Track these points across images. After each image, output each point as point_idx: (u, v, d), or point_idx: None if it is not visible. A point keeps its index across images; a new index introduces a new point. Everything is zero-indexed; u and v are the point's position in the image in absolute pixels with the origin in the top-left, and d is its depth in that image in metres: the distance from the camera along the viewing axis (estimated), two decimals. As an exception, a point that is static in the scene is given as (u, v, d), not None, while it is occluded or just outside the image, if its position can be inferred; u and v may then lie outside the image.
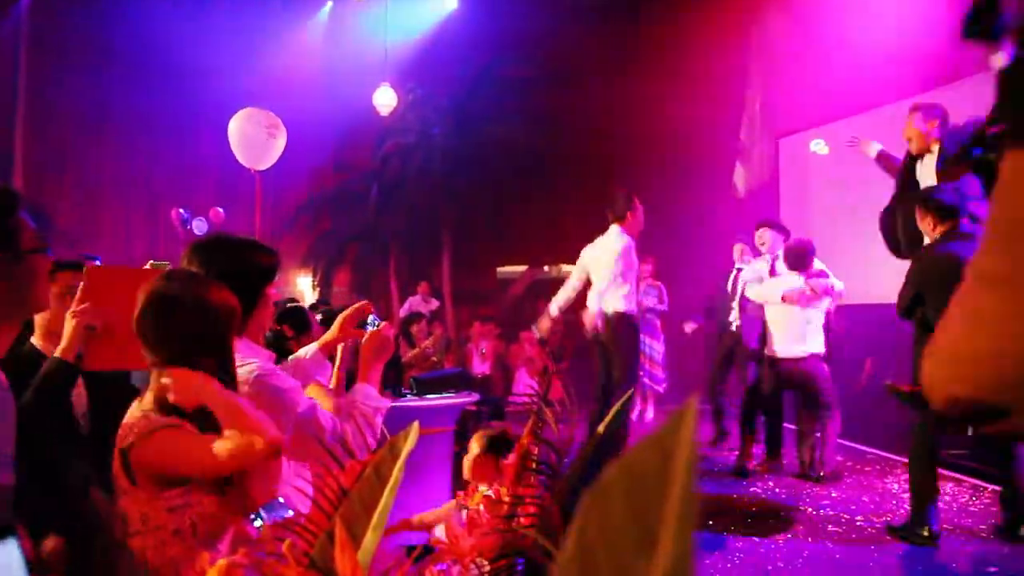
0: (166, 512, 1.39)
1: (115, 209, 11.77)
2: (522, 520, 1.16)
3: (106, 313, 2.01)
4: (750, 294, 5.58)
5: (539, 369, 8.80)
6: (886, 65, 7.51)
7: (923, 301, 3.79)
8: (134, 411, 1.49)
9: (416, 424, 1.00)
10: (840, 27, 8.15)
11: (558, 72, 10.69)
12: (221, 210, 9.75)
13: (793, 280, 5.28)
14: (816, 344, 5.27)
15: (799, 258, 5.29)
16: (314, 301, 9.04)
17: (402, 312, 9.97)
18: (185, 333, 1.48)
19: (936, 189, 4.04)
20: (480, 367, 8.10)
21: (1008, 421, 0.82)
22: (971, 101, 6.90)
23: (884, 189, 4.87)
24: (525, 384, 8.75)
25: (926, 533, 3.94)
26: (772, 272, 5.61)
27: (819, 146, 5.99)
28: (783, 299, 5.22)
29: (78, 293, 2.03)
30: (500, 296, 12.37)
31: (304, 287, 11.83)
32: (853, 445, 6.44)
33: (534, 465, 1.13)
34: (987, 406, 0.80)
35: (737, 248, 6.61)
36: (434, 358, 6.16)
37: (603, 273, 5.24)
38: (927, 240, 4.00)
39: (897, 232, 4.34)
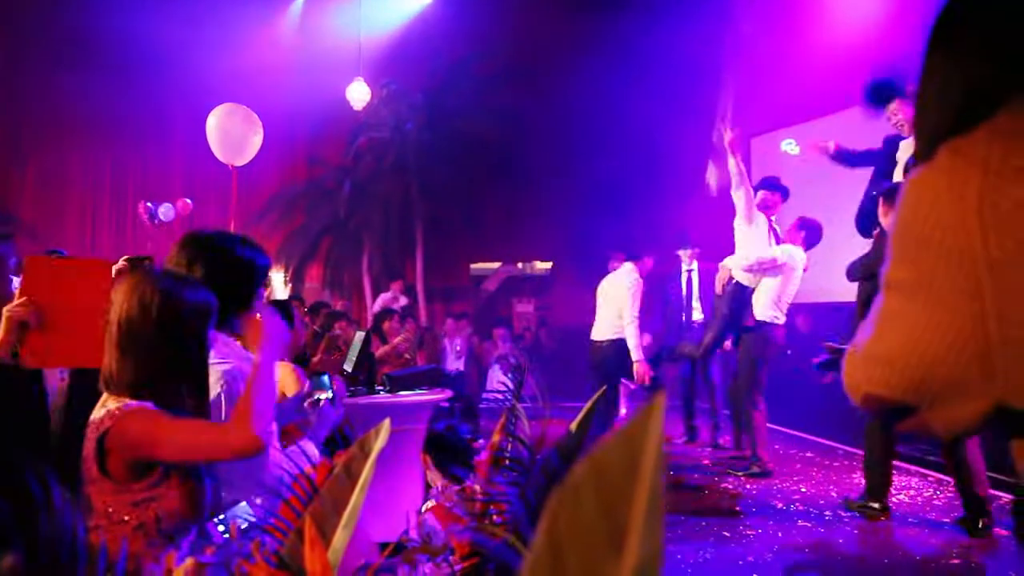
0: (130, 506, 1.38)
1: (80, 202, 11.56)
2: (494, 518, 1.16)
3: (49, 307, 1.87)
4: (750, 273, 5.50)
5: (513, 366, 8.81)
6: (858, 67, 7.60)
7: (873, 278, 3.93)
8: (107, 401, 1.46)
9: (387, 422, 1.00)
10: (813, 28, 8.25)
11: (532, 69, 10.69)
12: (189, 201, 9.61)
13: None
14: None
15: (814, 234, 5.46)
16: (286, 296, 8.97)
17: (374, 308, 9.92)
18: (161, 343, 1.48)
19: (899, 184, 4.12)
20: (453, 364, 8.08)
21: (916, 418, 0.87)
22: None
23: (854, 189, 4.94)
24: (498, 382, 8.75)
25: (877, 506, 4.21)
26: (772, 231, 5.57)
27: (790, 146, 6.04)
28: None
29: (18, 287, 1.93)
30: (473, 293, 12.36)
31: (276, 282, 11.71)
32: (822, 441, 6.54)
33: (506, 462, 1.13)
34: (897, 404, 0.86)
35: (685, 253, 7.05)
36: (407, 355, 6.13)
37: (613, 308, 5.62)
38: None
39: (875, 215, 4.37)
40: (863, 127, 7.94)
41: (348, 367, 4.28)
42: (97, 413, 1.44)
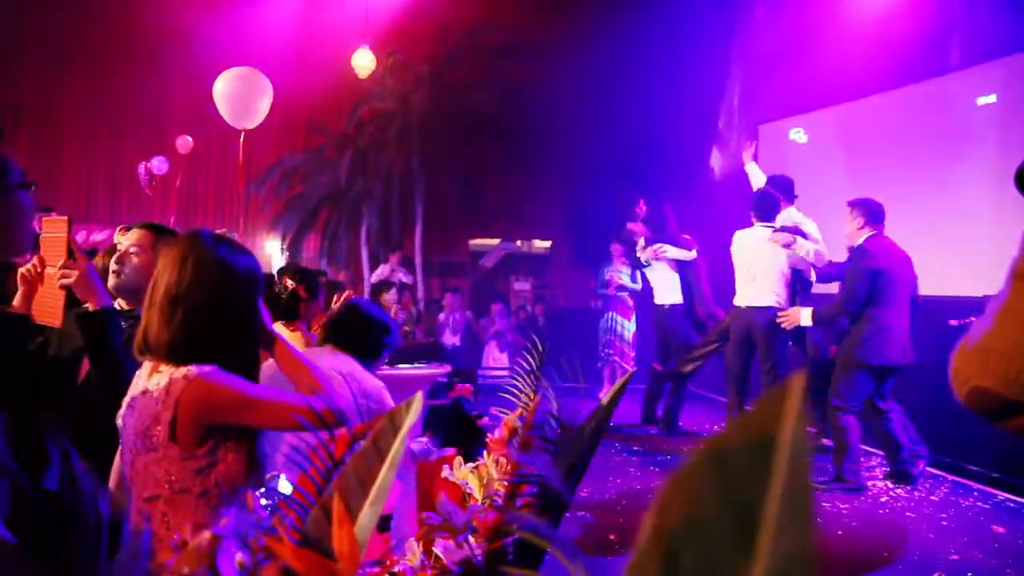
0: (194, 473, 1.35)
1: (76, 160, 11.40)
2: (518, 499, 1.11)
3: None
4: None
5: (509, 343, 8.79)
6: (869, 55, 7.53)
7: None
8: (160, 367, 1.42)
9: (420, 395, 0.95)
10: (824, 16, 8.14)
11: (539, 45, 10.55)
12: (189, 139, 9.46)
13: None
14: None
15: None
16: (282, 266, 8.88)
17: (371, 280, 9.85)
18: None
19: None
20: (450, 339, 8.05)
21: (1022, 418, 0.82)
22: (958, 95, 6.99)
23: (863, 179, 4.91)
24: (495, 358, 8.73)
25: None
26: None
27: (798, 134, 6.01)
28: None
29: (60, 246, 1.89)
30: (471, 268, 12.30)
31: (272, 251, 11.62)
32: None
33: (537, 441, 1.08)
34: (1009, 401, 0.81)
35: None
36: (405, 327, 6.09)
37: (774, 271, 5.46)
38: None
39: None
40: (872, 116, 7.91)
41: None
42: (154, 379, 1.39)
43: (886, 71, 7.48)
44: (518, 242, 12.69)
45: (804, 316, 4.90)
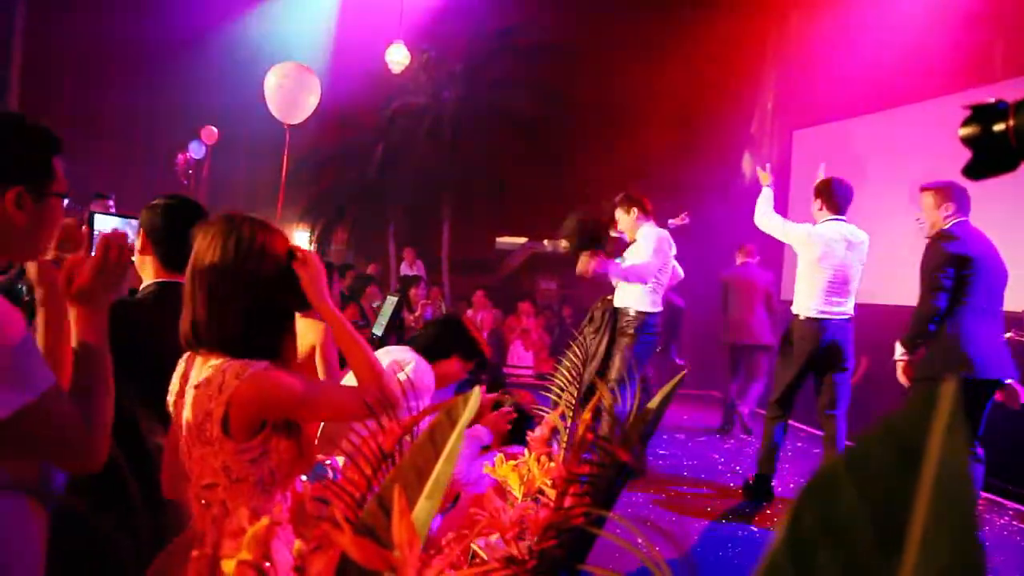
0: (249, 463, 1.34)
1: (112, 147, 11.56)
2: (570, 498, 1.09)
3: None
4: None
5: (534, 342, 8.77)
6: (904, 63, 7.40)
7: None
8: (210, 359, 1.41)
9: (478, 389, 0.93)
10: (863, 23, 8.02)
11: (572, 45, 10.52)
12: (215, 129, 9.54)
13: None
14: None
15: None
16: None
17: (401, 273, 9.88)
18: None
19: None
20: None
21: None
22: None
23: (895, 191, 4.81)
24: (520, 356, 8.71)
25: None
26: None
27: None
28: None
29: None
30: (498, 266, 12.29)
31: (301, 242, 11.70)
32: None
33: (595, 439, 1.06)
34: None
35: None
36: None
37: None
38: None
39: None
40: (906, 125, 7.77)
41: (378, 332, 4.23)
42: (204, 372, 1.38)
43: (924, 80, 7.34)
44: (545, 242, 12.66)
45: (897, 351, 3.88)
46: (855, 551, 0.36)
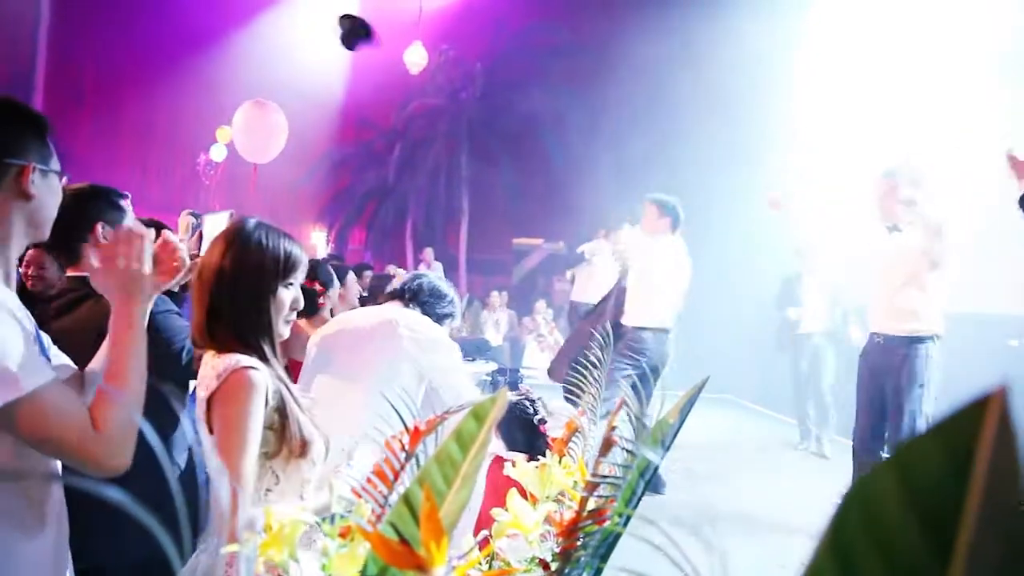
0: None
1: (134, 148, 11.68)
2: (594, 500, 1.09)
3: None
4: None
5: (550, 344, 8.74)
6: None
7: None
8: (211, 357, 1.42)
9: (505, 390, 0.93)
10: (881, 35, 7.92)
11: (591, 46, 10.49)
12: (228, 128, 9.61)
13: None
14: None
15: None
16: (326, 255, 8.97)
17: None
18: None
19: None
20: (494, 337, 8.05)
21: None
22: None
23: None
24: (535, 357, 8.69)
25: None
26: None
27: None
28: None
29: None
30: (514, 267, 12.29)
31: (318, 242, 11.77)
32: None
33: (618, 444, 1.06)
34: None
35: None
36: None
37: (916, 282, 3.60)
38: None
39: None
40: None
41: (396, 331, 4.23)
42: (201, 371, 1.39)
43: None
44: (561, 243, 12.64)
45: None
46: (902, 557, 0.35)
